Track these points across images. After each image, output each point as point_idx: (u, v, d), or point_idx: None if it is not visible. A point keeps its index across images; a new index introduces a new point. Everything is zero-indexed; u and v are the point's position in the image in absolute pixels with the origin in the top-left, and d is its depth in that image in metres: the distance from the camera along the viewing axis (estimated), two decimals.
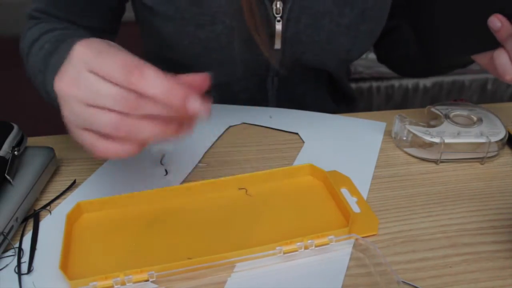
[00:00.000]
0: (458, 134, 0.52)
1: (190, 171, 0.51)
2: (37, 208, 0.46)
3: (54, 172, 0.51)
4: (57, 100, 0.43)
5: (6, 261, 0.40)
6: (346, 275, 0.39)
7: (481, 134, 0.52)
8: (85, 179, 0.50)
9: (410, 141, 0.53)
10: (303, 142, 0.56)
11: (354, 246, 0.41)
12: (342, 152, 0.54)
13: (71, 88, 0.36)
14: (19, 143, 0.47)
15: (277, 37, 0.59)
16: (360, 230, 0.42)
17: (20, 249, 0.41)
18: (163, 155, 0.54)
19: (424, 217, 0.45)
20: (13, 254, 0.41)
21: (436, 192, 0.48)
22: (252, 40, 0.57)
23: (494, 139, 0.51)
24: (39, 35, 0.56)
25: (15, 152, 0.46)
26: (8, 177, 0.44)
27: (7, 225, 0.41)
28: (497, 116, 0.56)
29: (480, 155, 0.52)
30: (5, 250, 0.41)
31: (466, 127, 0.53)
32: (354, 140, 0.56)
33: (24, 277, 0.38)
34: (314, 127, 0.59)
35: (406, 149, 0.54)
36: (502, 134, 0.52)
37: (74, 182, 0.49)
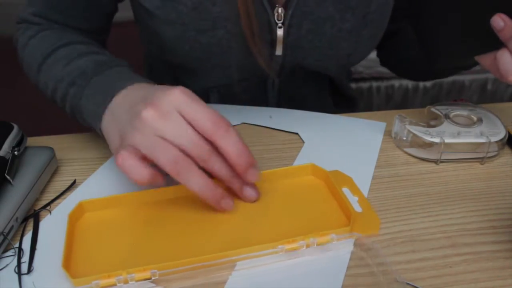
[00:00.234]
0: (458, 134, 0.52)
1: None
2: (37, 208, 0.46)
3: (54, 172, 0.51)
4: (91, 115, 0.47)
5: (6, 261, 0.40)
6: (347, 274, 0.39)
7: (481, 134, 0.52)
8: (85, 179, 0.50)
9: (410, 141, 0.53)
10: (303, 142, 0.56)
11: (355, 245, 0.41)
12: (342, 152, 0.54)
13: (158, 122, 0.39)
14: (19, 143, 0.48)
15: (278, 43, 0.58)
16: (362, 229, 0.42)
17: (20, 249, 0.41)
18: None
19: (424, 217, 0.45)
20: (13, 254, 0.41)
21: (436, 192, 0.48)
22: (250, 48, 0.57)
23: (494, 139, 0.51)
24: (57, 46, 0.55)
25: (15, 152, 0.46)
26: (8, 177, 0.44)
27: (7, 225, 0.41)
28: (497, 116, 0.56)
29: (480, 155, 0.52)
30: (5, 250, 0.41)
31: (466, 127, 0.53)
32: (354, 140, 0.56)
33: (24, 277, 0.38)
34: (314, 127, 0.59)
35: (406, 149, 0.54)
36: (502, 134, 0.52)
37: (74, 182, 0.49)
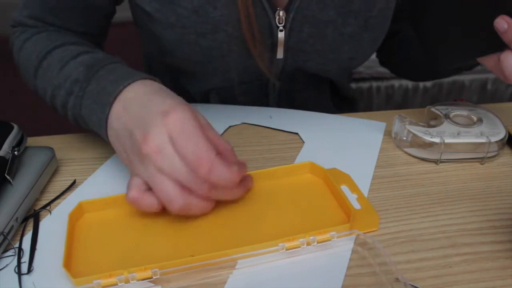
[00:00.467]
0: (458, 134, 0.52)
1: None
2: (37, 208, 0.46)
3: (54, 172, 0.51)
4: (96, 126, 0.47)
5: (6, 261, 0.40)
6: (347, 271, 0.39)
7: (481, 134, 0.52)
8: (85, 179, 0.50)
9: (410, 141, 0.53)
10: (303, 142, 0.56)
11: (355, 242, 0.41)
12: (342, 152, 0.54)
13: (155, 156, 0.39)
14: (19, 143, 0.47)
15: (279, 47, 0.58)
16: (361, 226, 0.42)
17: (20, 249, 0.41)
18: None
19: (424, 217, 0.45)
20: (13, 254, 0.41)
21: (436, 192, 0.48)
22: (250, 51, 0.57)
23: (494, 139, 0.51)
24: (50, 49, 0.53)
25: (15, 152, 0.46)
26: (8, 177, 0.44)
27: (7, 225, 0.41)
28: (497, 116, 0.56)
29: (480, 155, 0.52)
30: (5, 250, 0.41)
31: (466, 127, 0.53)
32: (354, 140, 0.56)
33: (24, 277, 0.38)
34: (314, 127, 0.59)
35: (406, 149, 0.54)
36: (502, 134, 0.52)
37: (74, 182, 0.49)
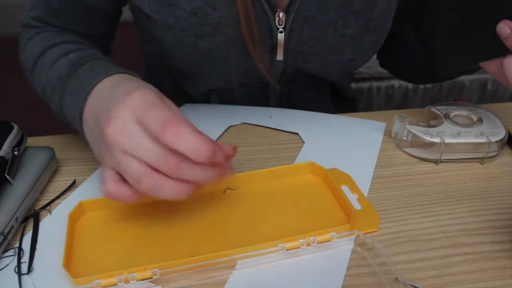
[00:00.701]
0: (458, 134, 0.52)
1: None
2: (37, 208, 0.46)
3: (54, 172, 0.51)
4: (75, 123, 0.45)
5: (6, 261, 0.40)
6: (347, 271, 0.39)
7: (481, 134, 0.52)
8: (85, 179, 0.50)
9: (410, 141, 0.53)
10: (303, 142, 0.56)
11: (355, 242, 0.41)
12: (342, 152, 0.54)
13: (118, 138, 0.37)
14: (19, 143, 0.48)
15: (279, 48, 0.58)
16: (361, 227, 0.42)
17: (20, 249, 0.41)
18: None
19: (424, 217, 0.45)
20: (13, 254, 0.41)
21: (436, 192, 0.48)
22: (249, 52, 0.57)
23: (494, 139, 0.51)
24: (46, 48, 0.54)
25: (15, 152, 0.46)
26: (8, 177, 0.44)
27: (7, 225, 0.41)
28: (497, 116, 0.56)
29: (480, 155, 0.52)
30: (5, 250, 0.41)
31: (466, 127, 0.53)
32: (354, 140, 0.56)
33: (24, 277, 0.38)
34: (314, 127, 0.59)
35: (406, 149, 0.54)
36: (502, 134, 0.52)
37: (74, 182, 0.49)
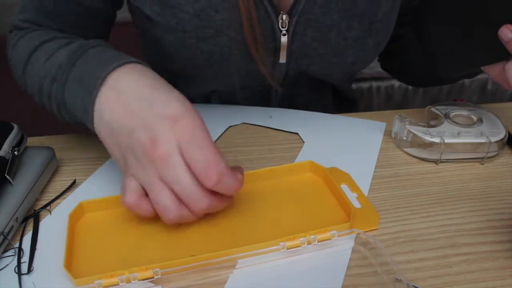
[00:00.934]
0: (458, 134, 0.52)
1: None
2: (37, 208, 0.46)
3: (54, 172, 0.51)
4: (81, 113, 0.44)
5: (6, 261, 0.40)
6: (348, 270, 0.39)
7: (481, 134, 0.52)
8: (85, 179, 0.50)
9: (410, 141, 0.53)
10: (303, 142, 0.56)
11: (356, 241, 0.41)
12: (342, 152, 0.54)
13: (160, 162, 0.37)
14: (19, 143, 0.47)
15: (282, 51, 0.58)
16: (361, 225, 0.43)
17: (20, 249, 0.41)
18: None
19: (424, 217, 0.45)
20: (13, 254, 0.41)
21: (436, 192, 0.48)
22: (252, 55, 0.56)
23: (494, 139, 0.51)
24: (40, 43, 0.52)
25: (15, 152, 0.46)
26: (8, 177, 0.44)
27: (7, 225, 0.41)
28: (497, 116, 0.56)
29: (480, 155, 0.52)
30: (5, 250, 0.41)
31: (466, 127, 0.53)
32: (354, 140, 0.56)
33: (24, 277, 0.38)
34: (314, 127, 0.59)
35: (406, 149, 0.54)
36: (502, 134, 0.52)
37: (74, 182, 0.49)
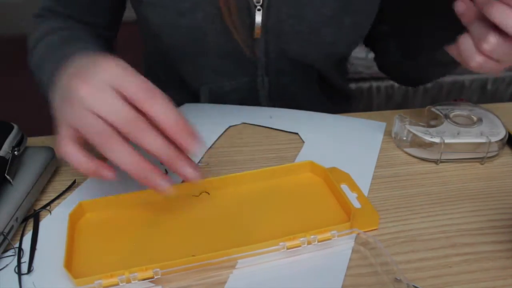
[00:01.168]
0: (458, 134, 0.52)
1: None
2: (37, 208, 0.46)
3: (54, 172, 0.51)
4: (46, 87, 0.47)
5: (6, 261, 0.40)
6: (348, 270, 0.39)
7: (481, 134, 0.52)
8: (85, 179, 0.50)
9: (410, 141, 0.53)
10: (303, 142, 0.56)
11: (356, 241, 0.41)
12: (342, 152, 0.54)
13: (90, 96, 0.37)
14: (19, 143, 0.48)
15: (257, 26, 0.58)
16: (361, 225, 0.42)
17: (20, 249, 0.41)
18: None
19: (424, 217, 0.45)
20: (13, 254, 0.41)
21: (436, 192, 0.48)
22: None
23: (494, 139, 0.51)
24: (45, 34, 0.59)
25: (15, 152, 0.46)
26: (8, 177, 0.44)
27: (7, 225, 0.41)
28: (497, 116, 0.56)
29: (480, 155, 0.52)
30: (5, 250, 0.41)
31: (466, 127, 0.53)
32: (354, 140, 0.56)
33: (24, 277, 0.38)
34: (314, 127, 0.59)
35: (406, 149, 0.54)
36: (502, 134, 0.52)
37: (74, 182, 0.49)
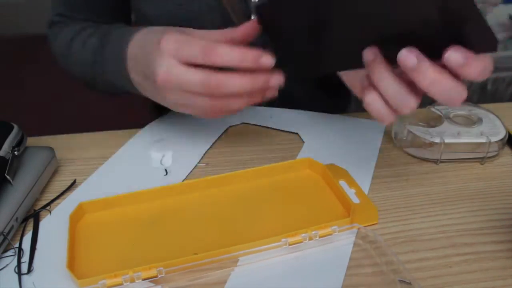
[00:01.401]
0: (458, 134, 0.52)
1: (190, 171, 0.51)
2: (37, 208, 0.46)
3: (54, 172, 0.51)
4: (128, 85, 0.49)
5: (6, 261, 0.40)
6: (349, 262, 0.39)
7: (481, 134, 0.52)
8: (85, 179, 0.50)
9: (410, 141, 0.53)
10: (303, 142, 0.56)
11: (357, 236, 0.42)
12: (342, 151, 0.54)
13: (167, 83, 0.41)
14: (19, 143, 0.47)
15: (253, 13, 0.58)
16: (361, 220, 0.43)
17: (20, 249, 0.41)
18: (163, 155, 0.54)
19: (424, 217, 0.45)
20: (13, 254, 0.41)
21: (436, 192, 0.48)
22: (230, 20, 0.58)
23: (494, 139, 0.51)
24: (75, 34, 0.59)
25: (15, 152, 0.46)
26: (8, 177, 0.44)
27: (7, 225, 0.41)
28: (497, 116, 0.56)
29: (480, 155, 0.52)
30: (5, 250, 0.41)
31: (466, 127, 0.53)
32: (354, 140, 0.56)
33: (24, 277, 0.38)
34: (314, 127, 0.59)
35: (406, 149, 0.54)
36: (502, 134, 0.52)
37: (74, 182, 0.49)
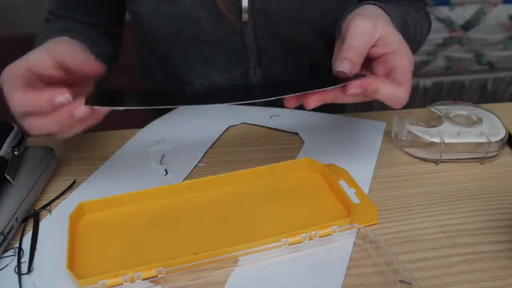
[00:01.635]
0: (458, 134, 0.52)
1: (190, 171, 0.51)
2: (37, 208, 0.46)
3: (54, 172, 0.51)
4: None
5: (6, 261, 0.40)
6: (349, 262, 0.39)
7: (481, 134, 0.52)
8: (85, 179, 0.50)
9: (410, 141, 0.53)
10: (303, 142, 0.56)
11: (357, 236, 0.42)
12: (342, 152, 0.54)
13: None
14: (19, 143, 0.47)
15: (244, 11, 0.59)
16: (361, 220, 0.43)
17: (20, 249, 0.41)
18: (163, 155, 0.54)
19: (424, 217, 0.45)
20: (13, 254, 0.41)
21: (436, 192, 0.48)
22: (222, 17, 0.58)
23: (494, 139, 0.51)
24: (48, 33, 0.61)
25: (15, 152, 0.46)
26: (8, 177, 0.44)
27: (7, 225, 0.41)
28: (497, 116, 0.56)
29: (480, 155, 0.52)
30: (5, 250, 0.41)
31: (466, 127, 0.53)
32: (354, 140, 0.56)
33: (24, 277, 0.38)
34: (314, 127, 0.59)
35: (406, 149, 0.54)
36: (502, 134, 0.52)
37: (74, 182, 0.49)
